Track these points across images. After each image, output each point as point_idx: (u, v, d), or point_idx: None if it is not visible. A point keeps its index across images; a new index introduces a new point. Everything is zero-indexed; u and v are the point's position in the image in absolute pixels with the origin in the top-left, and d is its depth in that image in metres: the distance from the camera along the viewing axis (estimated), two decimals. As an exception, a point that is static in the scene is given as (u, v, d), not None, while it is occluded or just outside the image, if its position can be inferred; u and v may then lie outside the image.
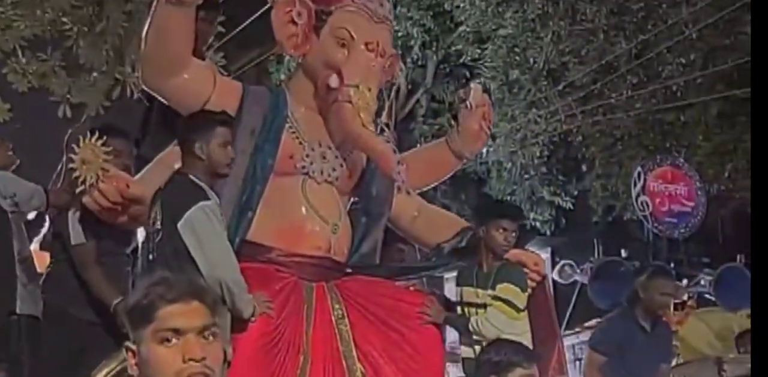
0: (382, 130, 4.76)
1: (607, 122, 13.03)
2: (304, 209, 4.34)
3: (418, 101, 14.95)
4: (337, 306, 4.28)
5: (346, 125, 4.29)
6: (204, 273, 3.82)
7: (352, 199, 4.65)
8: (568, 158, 14.05)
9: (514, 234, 4.58)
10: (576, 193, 14.05)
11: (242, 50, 12.55)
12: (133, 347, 2.16)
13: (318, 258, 4.32)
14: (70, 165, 4.11)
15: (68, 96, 7.59)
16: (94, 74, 7.64)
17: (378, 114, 4.50)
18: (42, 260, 4.91)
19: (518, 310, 4.45)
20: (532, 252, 4.92)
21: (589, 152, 13.43)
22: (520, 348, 3.99)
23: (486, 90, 13.33)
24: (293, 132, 4.38)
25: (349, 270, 4.48)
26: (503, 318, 4.38)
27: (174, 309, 2.11)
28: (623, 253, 12.87)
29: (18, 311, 4.64)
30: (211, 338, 2.15)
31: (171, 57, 4.21)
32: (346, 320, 4.26)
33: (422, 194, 5.09)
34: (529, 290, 4.55)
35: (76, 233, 4.47)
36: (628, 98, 12.79)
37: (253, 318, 3.94)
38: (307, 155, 4.36)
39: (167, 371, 2.10)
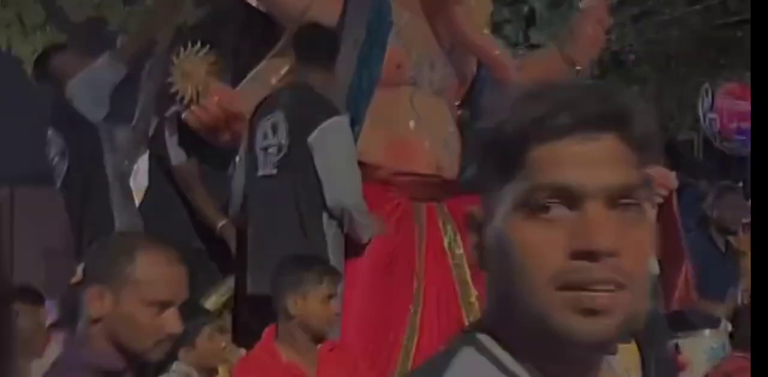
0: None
1: (661, 39, 12.64)
2: (412, 123, 4.09)
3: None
4: (449, 228, 4.06)
5: (458, 30, 4.00)
6: (327, 197, 3.58)
7: (461, 111, 4.36)
8: (620, 77, 13.67)
9: None
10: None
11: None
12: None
13: (427, 176, 4.08)
14: (169, 79, 3.79)
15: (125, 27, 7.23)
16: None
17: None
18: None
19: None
20: (659, 166, 4.61)
21: (642, 70, 13.05)
22: None
23: (532, 8, 12.95)
24: (399, 39, 4.08)
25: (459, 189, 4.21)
26: None
27: (569, 147, 0.94)
28: (674, 174, 12.55)
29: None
30: (631, 213, 0.95)
31: None
32: (459, 242, 4.02)
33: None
34: (656, 207, 4.25)
35: (176, 153, 4.13)
36: (682, 14, 12.38)
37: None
38: (416, 64, 4.07)
39: (539, 270, 0.94)
